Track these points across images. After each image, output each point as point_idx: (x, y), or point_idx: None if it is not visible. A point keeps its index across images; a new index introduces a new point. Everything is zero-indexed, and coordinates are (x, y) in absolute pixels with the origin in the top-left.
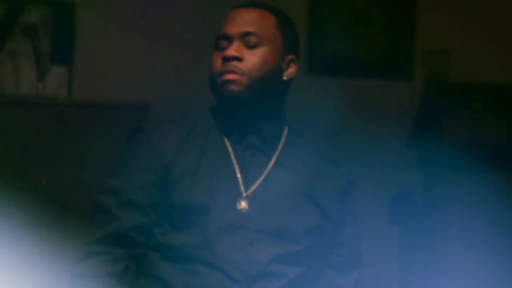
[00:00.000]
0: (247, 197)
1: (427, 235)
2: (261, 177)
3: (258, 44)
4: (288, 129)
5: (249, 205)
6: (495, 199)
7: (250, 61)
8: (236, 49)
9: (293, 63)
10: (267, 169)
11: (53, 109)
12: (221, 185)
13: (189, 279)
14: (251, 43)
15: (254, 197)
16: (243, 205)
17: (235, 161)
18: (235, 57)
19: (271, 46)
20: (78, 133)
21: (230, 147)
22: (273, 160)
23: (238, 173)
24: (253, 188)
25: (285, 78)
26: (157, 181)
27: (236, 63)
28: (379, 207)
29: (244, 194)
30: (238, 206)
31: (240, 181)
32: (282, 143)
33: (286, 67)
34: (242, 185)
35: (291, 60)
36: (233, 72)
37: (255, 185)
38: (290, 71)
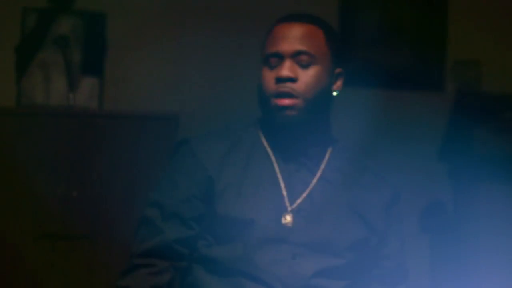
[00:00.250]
0: (291, 211)
1: (458, 246)
2: (305, 192)
3: (310, 63)
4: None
5: (294, 219)
6: None
7: (304, 81)
8: (290, 69)
9: (341, 76)
10: (312, 183)
11: (83, 120)
12: (266, 199)
13: None
14: (304, 62)
15: (298, 211)
16: (288, 219)
17: (280, 175)
18: (290, 78)
19: (323, 63)
20: (108, 144)
21: (275, 162)
22: (318, 174)
23: (283, 187)
24: (297, 202)
25: (334, 93)
26: (200, 194)
27: (291, 84)
28: (410, 219)
29: (289, 208)
30: (283, 220)
31: (285, 195)
32: (327, 157)
33: (334, 81)
34: (287, 199)
35: (339, 73)
36: (289, 95)
37: (300, 199)
38: (338, 84)
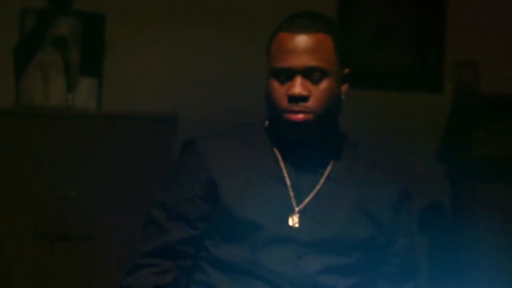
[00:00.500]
0: (298, 212)
1: (456, 247)
2: (313, 192)
3: (322, 77)
4: (341, 141)
5: (300, 220)
6: None
7: (316, 97)
8: (302, 86)
9: (348, 77)
10: (319, 184)
11: (82, 121)
12: (272, 199)
13: None
14: (315, 78)
15: (305, 211)
16: (295, 220)
17: (286, 175)
18: (303, 97)
19: (333, 74)
20: (107, 145)
21: (281, 161)
22: (325, 174)
23: (289, 187)
24: (304, 203)
25: (343, 97)
26: (204, 195)
27: (303, 102)
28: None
29: (296, 209)
30: (290, 221)
31: (291, 195)
32: (335, 156)
33: (343, 84)
34: (293, 200)
35: (346, 75)
36: (301, 112)
37: (307, 200)
38: (346, 86)
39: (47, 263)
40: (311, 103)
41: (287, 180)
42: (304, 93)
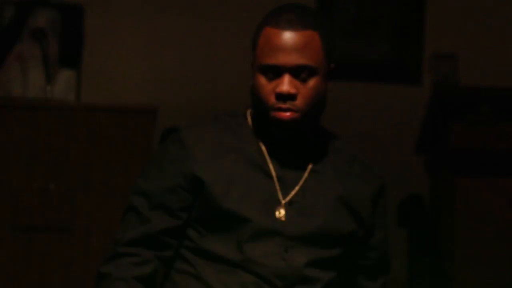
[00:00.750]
0: (284, 205)
1: (435, 239)
2: (298, 185)
3: (310, 75)
4: (322, 135)
5: (286, 213)
6: (504, 204)
7: (304, 95)
8: (290, 84)
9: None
10: (304, 176)
11: (61, 113)
12: (259, 193)
13: (229, 281)
14: (304, 76)
15: (290, 204)
16: (281, 213)
17: (272, 167)
18: (291, 95)
19: (321, 71)
20: (86, 137)
21: (266, 154)
22: (309, 167)
23: (275, 180)
24: (290, 195)
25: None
26: (188, 186)
27: (291, 100)
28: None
29: (282, 201)
30: (277, 214)
31: (277, 188)
32: (317, 148)
33: (328, 80)
34: (279, 193)
35: (331, 70)
36: (289, 110)
37: (292, 193)
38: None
39: (25, 254)
40: (299, 101)
41: (272, 172)
42: (292, 91)
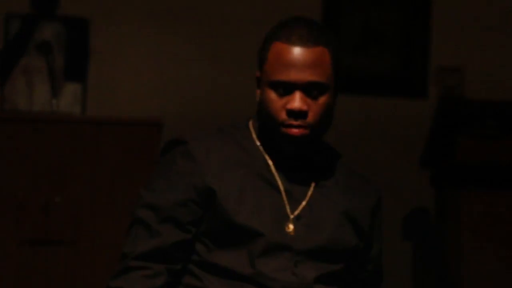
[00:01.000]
0: (292, 220)
1: (440, 253)
2: (305, 200)
3: (321, 92)
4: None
5: (295, 227)
6: (510, 217)
7: (315, 112)
8: (302, 101)
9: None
10: (310, 190)
11: (66, 126)
12: (268, 207)
13: None
14: (315, 93)
15: (298, 219)
16: (291, 228)
17: (280, 182)
18: (303, 113)
19: (330, 87)
20: (91, 150)
21: (274, 168)
22: (314, 181)
23: (284, 195)
24: (298, 210)
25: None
26: (200, 199)
27: (302, 117)
28: (393, 225)
29: (291, 216)
30: (286, 229)
31: (286, 202)
32: (319, 163)
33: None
34: (288, 207)
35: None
36: (299, 127)
37: (300, 207)
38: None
39: (31, 268)
40: (310, 118)
41: (280, 186)
42: (304, 108)
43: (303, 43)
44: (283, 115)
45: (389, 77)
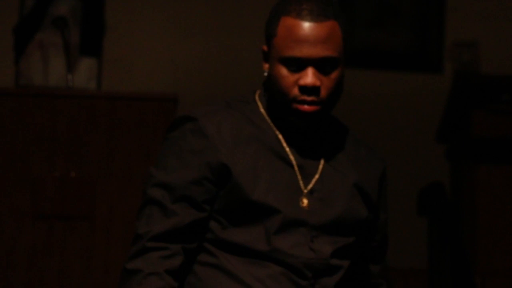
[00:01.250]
0: (307, 194)
1: (455, 227)
2: (317, 173)
3: (333, 67)
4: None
5: (309, 202)
6: None
7: (327, 86)
8: (315, 77)
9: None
10: (321, 164)
11: (82, 101)
12: (283, 182)
13: (257, 272)
14: (328, 69)
15: (312, 193)
16: (305, 202)
17: (292, 157)
18: (316, 88)
19: (342, 62)
20: (107, 125)
21: (285, 143)
22: (324, 154)
23: (296, 170)
24: (311, 184)
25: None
26: (214, 177)
27: (315, 93)
28: (408, 200)
29: (304, 191)
30: (301, 204)
31: (299, 177)
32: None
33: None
34: (301, 182)
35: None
36: (312, 103)
37: (313, 181)
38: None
39: (46, 243)
40: (322, 93)
41: (293, 161)
42: (317, 83)
43: (313, 17)
44: (295, 91)
45: (405, 52)
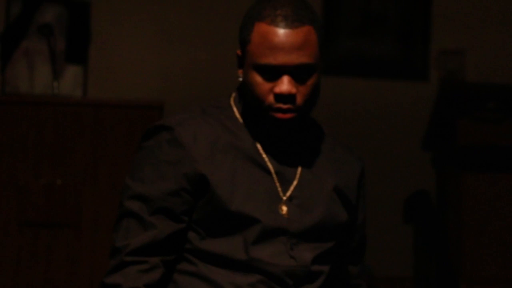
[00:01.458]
0: (286, 201)
1: (441, 235)
2: (295, 180)
3: (309, 74)
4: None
5: (289, 209)
6: (510, 199)
7: (303, 94)
8: (290, 84)
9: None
10: (299, 170)
11: (67, 109)
12: (261, 191)
13: (238, 280)
14: (304, 75)
15: (291, 200)
16: (284, 210)
17: (270, 165)
18: (292, 96)
19: (318, 67)
20: (92, 133)
21: (262, 151)
22: (302, 159)
23: (274, 177)
24: (290, 191)
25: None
26: (191, 188)
27: (291, 101)
28: (394, 207)
29: (283, 198)
30: (280, 211)
31: (277, 185)
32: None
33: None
34: (280, 189)
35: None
36: (288, 111)
37: (291, 188)
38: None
39: (32, 250)
40: (298, 100)
41: (270, 168)
42: (293, 91)
43: (288, 24)
44: (271, 99)
45: (390, 61)
